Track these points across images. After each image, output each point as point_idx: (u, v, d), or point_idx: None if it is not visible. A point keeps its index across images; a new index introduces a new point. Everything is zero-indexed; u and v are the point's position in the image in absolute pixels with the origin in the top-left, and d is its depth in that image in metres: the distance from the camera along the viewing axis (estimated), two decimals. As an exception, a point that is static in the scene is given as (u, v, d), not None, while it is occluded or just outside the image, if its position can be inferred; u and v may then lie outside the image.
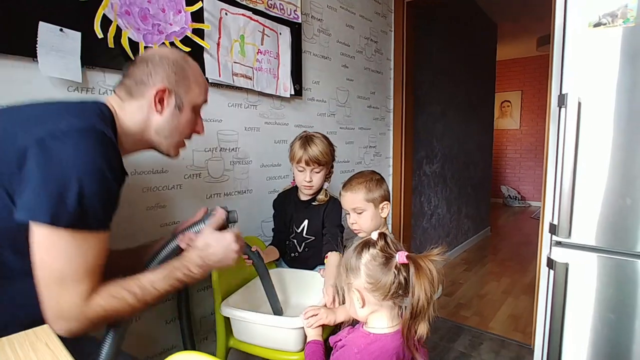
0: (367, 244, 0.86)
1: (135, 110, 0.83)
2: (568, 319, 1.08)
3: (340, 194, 1.28)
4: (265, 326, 1.10)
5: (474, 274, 3.21)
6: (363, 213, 1.20)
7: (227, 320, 1.19)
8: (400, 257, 0.81)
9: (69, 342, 0.61)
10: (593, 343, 1.07)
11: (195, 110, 0.91)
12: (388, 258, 0.83)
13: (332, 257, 1.29)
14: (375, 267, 0.82)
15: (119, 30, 1.12)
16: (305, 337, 1.10)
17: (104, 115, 0.78)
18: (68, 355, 0.55)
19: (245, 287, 1.30)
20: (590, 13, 0.99)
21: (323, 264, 1.45)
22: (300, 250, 1.46)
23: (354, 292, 0.84)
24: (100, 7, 1.08)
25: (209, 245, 0.87)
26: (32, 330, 0.62)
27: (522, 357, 1.96)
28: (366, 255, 0.84)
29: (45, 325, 0.64)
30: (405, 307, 0.82)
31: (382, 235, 0.86)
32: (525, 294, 2.72)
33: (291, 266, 1.47)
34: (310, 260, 1.44)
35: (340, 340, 0.90)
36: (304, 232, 1.44)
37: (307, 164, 1.36)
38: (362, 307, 0.84)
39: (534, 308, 1.99)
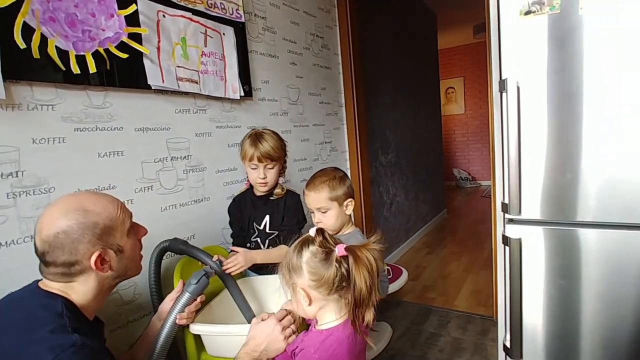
0: (305, 242, 0.86)
1: (85, 284, 0.82)
2: (525, 289, 1.15)
3: (303, 192, 1.27)
4: (242, 337, 1.06)
5: (436, 256, 3.34)
6: (327, 212, 1.20)
7: (197, 338, 1.14)
8: (340, 250, 0.83)
9: None
10: (548, 307, 1.15)
11: (130, 232, 0.89)
12: (328, 253, 0.83)
13: (282, 250, 1.29)
14: (317, 264, 0.82)
15: (44, 39, 1.03)
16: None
17: (65, 311, 0.76)
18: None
19: (214, 302, 1.25)
20: (520, 1, 1.05)
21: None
22: (264, 248, 1.43)
23: (299, 291, 0.84)
24: (19, 14, 0.98)
25: (253, 338, 0.92)
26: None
27: (487, 329, 2.07)
28: (306, 253, 0.83)
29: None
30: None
31: (320, 231, 0.87)
32: (484, 269, 2.88)
33: (258, 268, 1.44)
34: None
35: (297, 347, 0.90)
36: (267, 228, 1.42)
37: (259, 160, 1.34)
38: (309, 305, 0.84)
39: (493, 283, 2.11)
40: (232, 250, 1.28)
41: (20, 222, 1.01)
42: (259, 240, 1.43)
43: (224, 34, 1.58)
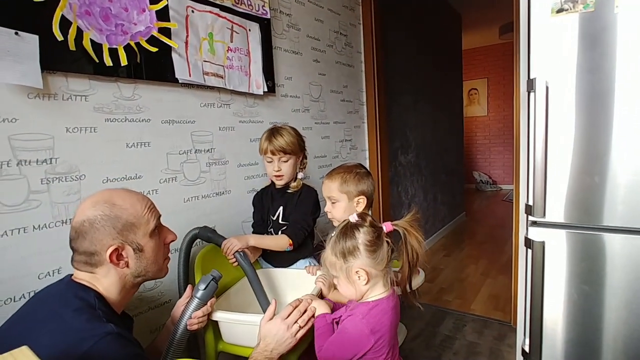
0: (353, 226, 0.95)
1: (106, 276, 0.83)
2: (547, 293, 1.13)
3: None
4: (256, 326, 1.08)
5: (453, 259, 3.30)
6: (336, 203, 1.22)
7: (215, 327, 1.17)
8: (387, 227, 0.96)
9: None
10: (570, 312, 1.13)
11: (154, 233, 0.89)
12: (378, 231, 0.94)
13: (278, 239, 1.36)
14: (373, 242, 0.92)
15: (79, 32, 1.07)
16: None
17: (97, 303, 0.79)
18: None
19: (232, 290, 1.28)
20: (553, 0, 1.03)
21: (304, 257, 1.45)
22: None
23: (358, 271, 0.92)
24: (58, 8, 1.02)
25: (263, 338, 0.97)
26: (10, 354, 0.58)
27: (504, 334, 2.04)
28: (360, 235, 0.93)
29: (24, 347, 0.60)
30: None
31: (364, 214, 0.98)
32: (503, 274, 2.82)
33: (270, 258, 1.46)
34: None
35: (341, 316, 0.98)
36: (280, 219, 1.44)
37: (272, 153, 1.37)
38: (367, 283, 0.93)
39: (513, 287, 2.07)
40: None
41: (52, 207, 1.06)
42: (272, 231, 1.45)
43: (249, 30, 1.61)
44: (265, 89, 1.69)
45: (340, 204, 1.21)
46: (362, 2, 2.46)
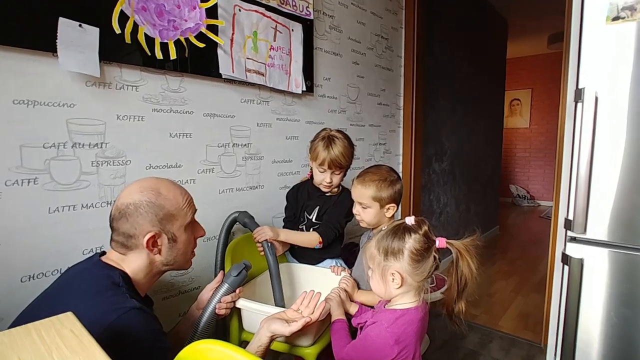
0: (406, 229, 0.92)
1: (137, 259, 0.88)
2: (582, 314, 1.08)
3: (352, 181, 1.28)
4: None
5: (483, 272, 3.19)
6: (367, 209, 1.22)
7: (239, 313, 1.20)
8: (441, 242, 0.91)
9: None
10: (608, 336, 1.07)
11: (188, 227, 0.93)
12: (430, 243, 0.90)
13: (309, 235, 1.37)
14: (419, 252, 0.89)
15: (135, 26, 1.14)
16: (317, 331, 1.11)
17: (122, 281, 0.83)
18: (92, 340, 0.57)
19: (258, 279, 1.31)
20: (608, 7, 0.98)
21: (331, 257, 1.45)
22: None
23: (393, 273, 0.90)
24: (118, 3, 1.09)
25: (257, 333, 0.98)
26: (56, 317, 0.63)
27: (533, 355, 1.95)
28: (410, 240, 0.90)
29: (69, 313, 0.65)
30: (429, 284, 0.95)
31: (422, 222, 0.93)
32: (535, 292, 2.71)
33: (297, 254, 1.48)
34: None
35: (366, 321, 0.96)
36: (314, 218, 1.46)
37: (329, 166, 1.36)
38: (399, 287, 0.91)
39: (545, 306, 1.98)
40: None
41: (100, 189, 1.13)
42: (304, 228, 1.47)
43: (292, 30, 1.64)
44: (304, 89, 1.72)
45: (372, 210, 1.21)
46: (405, 6, 2.45)
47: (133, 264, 0.88)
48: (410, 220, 0.94)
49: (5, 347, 0.54)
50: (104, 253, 0.92)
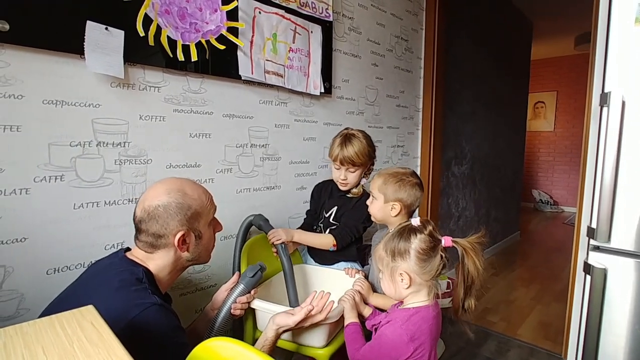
0: (412, 229, 0.94)
1: (164, 257, 0.91)
2: (605, 326, 1.04)
3: None
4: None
5: (502, 278, 3.12)
6: (374, 200, 1.25)
7: (254, 314, 1.22)
8: (446, 241, 0.93)
9: None
10: (632, 350, 1.03)
11: (211, 223, 0.99)
12: (435, 242, 0.93)
13: (323, 238, 1.38)
14: (425, 251, 0.91)
15: (158, 29, 1.17)
16: (330, 332, 1.11)
17: (145, 278, 0.86)
18: (111, 332, 0.59)
19: (273, 279, 1.32)
20: (637, 8, 0.95)
21: (346, 259, 1.45)
22: None
23: (402, 274, 0.92)
24: (143, 6, 1.12)
25: (264, 333, 1.00)
26: (78, 310, 0.66)
27: (553, 366, 1.90)
28: (415, 241, 0.92)
29: (90, 306, 0.67)
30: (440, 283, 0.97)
31: (427, 222, 0.96)
32: (557, 301, 2.63)
33: (313, 253, 1.49)
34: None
35: (380, 322, 0.98)
36: (331, 217, 1.46)
37: (341, 163, 1.38)
38: (408, 287, 0.93)
39: (567, 316, 1.92)
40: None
41: (122, 186, 1.16)
42: (321, 226, 1.48)
43: (311, 31, 1.65)
44: (322, 90, 1.72)
45: (377, 202, 1.23)
46: (426, 7, 2.42)
47: (159, 261, 0.91)
48: (415, 221, 0.97)
49: (30, 338, 0.57)
50: (128, 249, 0.95)
